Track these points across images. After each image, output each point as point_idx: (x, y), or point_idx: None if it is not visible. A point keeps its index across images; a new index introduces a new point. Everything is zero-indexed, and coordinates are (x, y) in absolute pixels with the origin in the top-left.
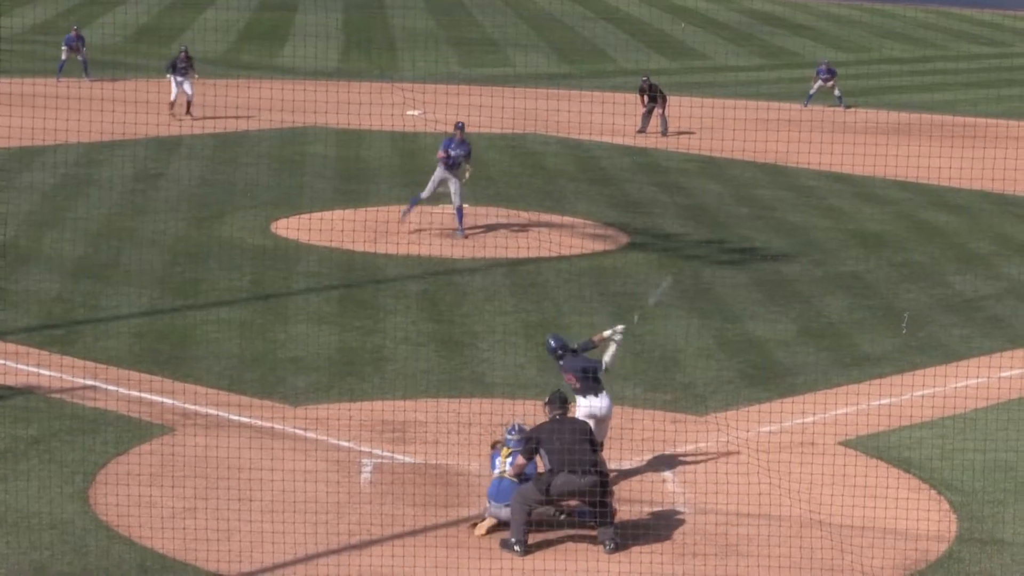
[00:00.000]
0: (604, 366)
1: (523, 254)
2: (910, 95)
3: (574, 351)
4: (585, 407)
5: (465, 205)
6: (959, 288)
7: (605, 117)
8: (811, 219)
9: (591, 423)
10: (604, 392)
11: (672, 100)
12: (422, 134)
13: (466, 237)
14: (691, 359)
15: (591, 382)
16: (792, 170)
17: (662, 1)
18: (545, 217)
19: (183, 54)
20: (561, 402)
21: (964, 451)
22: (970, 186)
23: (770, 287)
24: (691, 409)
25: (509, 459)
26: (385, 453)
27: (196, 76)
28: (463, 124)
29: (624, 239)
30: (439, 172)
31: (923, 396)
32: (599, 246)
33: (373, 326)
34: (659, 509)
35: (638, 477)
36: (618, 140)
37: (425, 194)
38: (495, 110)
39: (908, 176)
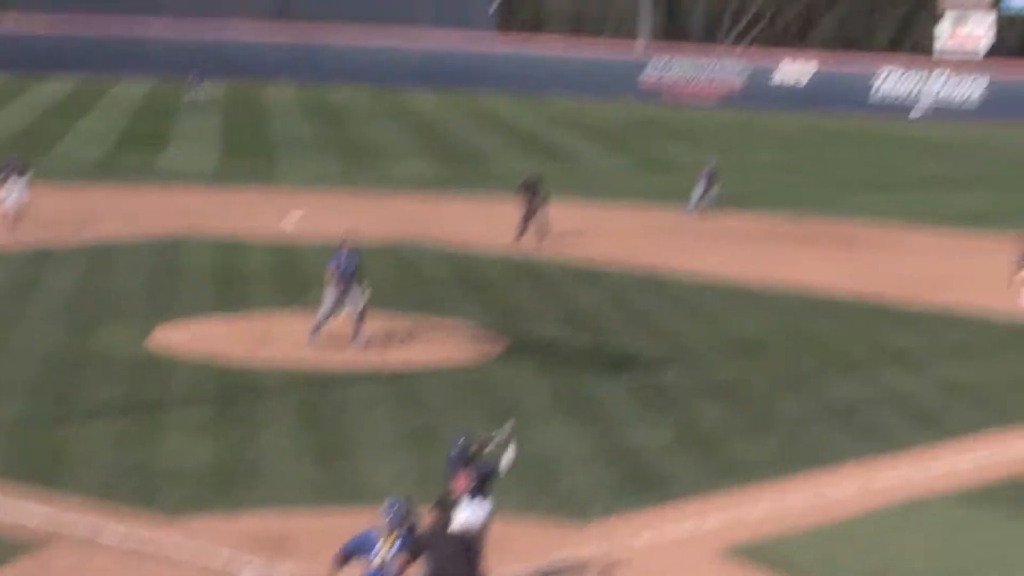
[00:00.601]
0: (500, 471)
1: (403, 361)
2: (784, 200)
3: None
4: (468, 513)
5: (347, 310)
6: (834, 395)
7: (485, 222)
8: (686, 326)
9: (474, 530)
10: (490, 498)
11: (551, 204)
12: (301, 240)
13: (364, 347)
14: (571, 466)
15: (481, 487)
16: (669, 276)
17: (541, 108)
18: (425, 324)
19: (14, 161)
20: (447, 507)
21: (843, 559)
22: (843, 292)
23: (648, 394)
24: (572, 517)
25: (393, 548)
26: (264, 565)
27: (26, 185)
28: (350, 239)
29: (503, 345)
30: (332, 291)
31: (799, 502)
32: (478, 353)
33: (251, 436)
34: None
35: None
36: (498, 245)
37: (323, 313)
38: (375, 216)
39: (782, 282)
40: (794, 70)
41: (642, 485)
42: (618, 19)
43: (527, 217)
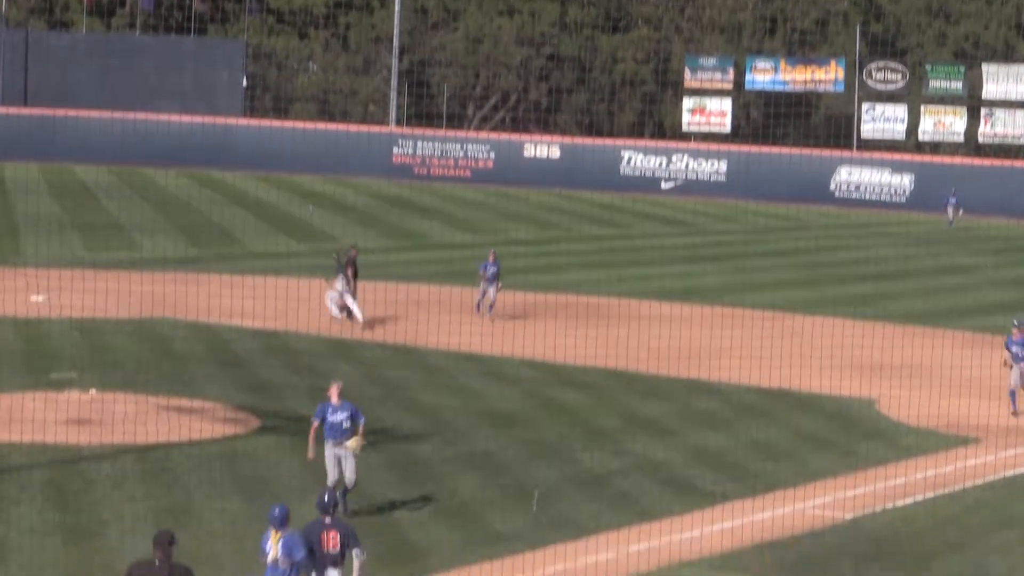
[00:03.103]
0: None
1: (152, 439)
2: (537, 276)
3: None
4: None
5: (92, 391)
6: (587, 464)
7: (235, 301)
8: (442, 399)
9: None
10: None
11: (301, 282)
12: (46, 320)
13: (351, 515)
14: None
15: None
16: (421, 350)
17: (290, 185)
18: (175, 401)
19: None
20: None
21: None
22: (595, 364)
23: (403, 467)
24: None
25: (280, 543)
26: None
27: None
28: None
29: (255, 422)
30: (329, 449)
31: (555, 572)
32: (230, 430)
33: None
34: None
35: None
36: (248, 323)
37: (331, 480)
38: (122, 295)
39: (536, 355)
40: (543, 150)
41: (400, 557)
42: (364, 105)
43: (353, 293)
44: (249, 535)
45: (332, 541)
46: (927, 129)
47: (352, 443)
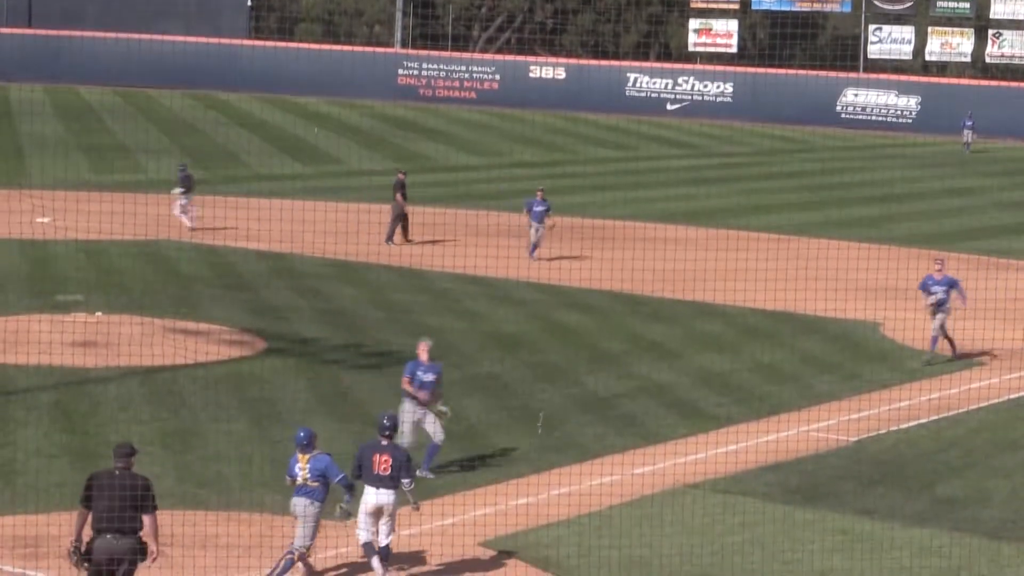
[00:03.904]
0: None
1: (158, 362)
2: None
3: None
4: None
5: (99, 314)
6: (592, 387)
7: (240, 222)
8: (447, 321)
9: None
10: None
11: (307, 204)
12: (52, 242)
13: (432, 477)
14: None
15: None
16: (428, 273)
17: (295, 107)
18: (181, 324)
19: None
20: None
21: (601, 548)
22: (600, 287)
23: None
24: (330, 515)
25: (309, 465)
26: (16, 570)
27: None
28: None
29: (261, 345)
30: (409, 410)
31: (559, 495)
32: (236, 352)
33: (3, 439)
34: None
35: None
36: (254, 245)
37: (406, 442)
38: (127, 216)
39: (541, 278)
40: (548, 71)
41: None
42: (370, 27)
43: (402, 217)
44: (256, 457)
45: (384, 464)
46: (934, 50)
47: (438, 407)
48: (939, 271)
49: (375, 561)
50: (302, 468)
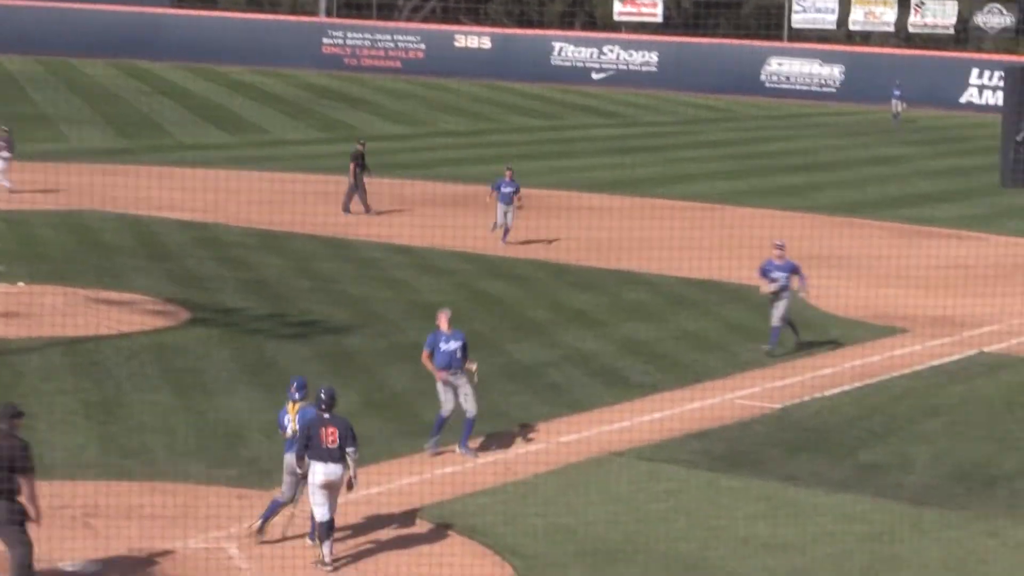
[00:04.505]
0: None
1: (81, 332)
2: (467, 167)
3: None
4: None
5: (21, 284)
6: (518, 356)
7: (164, 192)
8: (373, 290)
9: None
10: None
11: (232, 174)
12: None
13: (476, 457)
14: (255, 434)
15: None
16: (352, 242)
17: (219, 76)
18: (104, 294)
19: None
20: None
21: (527, 516)
22: (526, 256)
23: (333, 360)
24: (256, 484)
25: (298, 416)
26: None
27: None
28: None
29: (185, 315)
30: (442, 384)
31: (485, 463)
32: (160, 322)
33: None
34: None
35: (203, 554)
36: (177, 215)
37: (445, 410)
38: (49, 187)
39: (467, 247)
40: (474, 40)
41: None
42: None
43: (358, 188)
44: (180, 427)
45: (331, 437)
46: (857, 19)
47: (473, 367)
48: (780, 256)
49: (326, 546)
50: (291, 420)
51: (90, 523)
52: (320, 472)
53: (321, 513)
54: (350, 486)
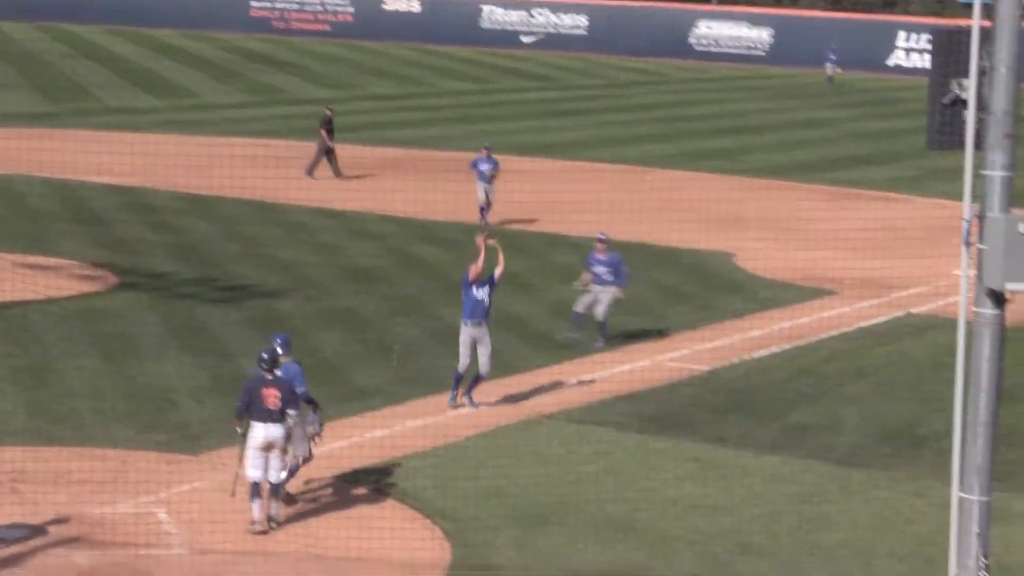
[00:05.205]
0: None
1: (8, 297)
2: (395, 131)
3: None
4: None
5: None
6: (448, 320)
7: (91, 156)
8: (302, 255)
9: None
10: None
11: (160, 138)
12: None
13: (477, 407)
14: (185, 399)
15: None
16: (282, 206)
17: (147, 40)
18: (31, 259)
19: None
20: None
21: (457, 479)
22: (455, 219)
23: (263, 324)
24: (186, 449)
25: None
26: None
27: None
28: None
29: (113, 280)
30: (465, 333)
31: (415, 427)
32: (88, 287)
33: None
34: (155, 551)
35: (132, 520)
36: (105, 179)
37: (462, 366)
38: None
39: (396, 211)
40: (403, 3)
41: None
42: None
43: (328, 152)
44: (109, 392)
45: (272, 398)
46: None
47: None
48: (603, 249)
49: (256, 504)
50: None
51: (17, 488)
52: (260, 434)
53: (254, 474)
54: (318, 434)
